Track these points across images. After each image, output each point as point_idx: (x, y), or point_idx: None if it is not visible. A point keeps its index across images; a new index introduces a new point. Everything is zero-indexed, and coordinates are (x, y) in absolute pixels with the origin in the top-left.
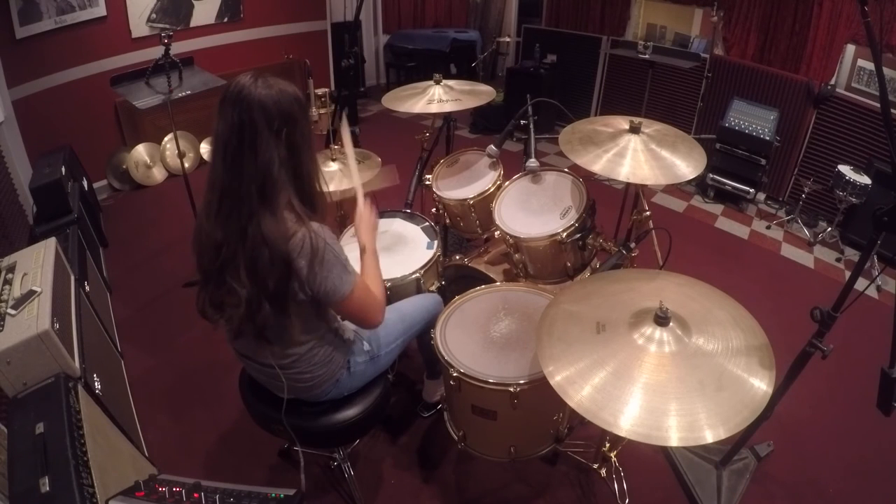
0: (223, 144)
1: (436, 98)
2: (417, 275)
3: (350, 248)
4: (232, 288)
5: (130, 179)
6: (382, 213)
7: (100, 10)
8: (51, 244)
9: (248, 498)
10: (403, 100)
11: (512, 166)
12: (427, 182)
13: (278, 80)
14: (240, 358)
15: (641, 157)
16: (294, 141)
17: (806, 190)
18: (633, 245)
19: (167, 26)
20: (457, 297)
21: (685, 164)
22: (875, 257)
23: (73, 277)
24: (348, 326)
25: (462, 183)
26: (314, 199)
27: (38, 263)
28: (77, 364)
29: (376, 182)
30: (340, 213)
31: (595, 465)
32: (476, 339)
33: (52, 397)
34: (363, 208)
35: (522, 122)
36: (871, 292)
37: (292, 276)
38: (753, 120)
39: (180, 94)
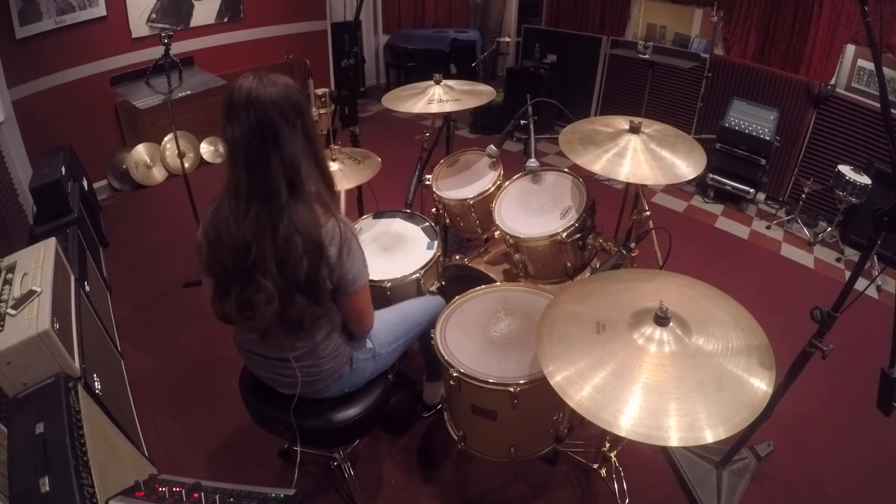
0: (244, 149)
1: (436, 98)
2: (417, 275)
3: None
4: (262, 285)
5: (130, 179)
6: (382, 213)
7: (100, 10)
8: (51, 244)
9: (248, 498)
10: (403, 100)
11: (512, 166)
12: (427, 182)
13: (278, 76)
14: (244, 354)
15: (641, 157)
16: (309, 130)
17: (806, 190)
18: (633, 245)
19: (167, 26)
20: (457, 297)
21: (685, 164)
22: (875, 257)
23: (73, 277)
24: None
25: (462, 183)
26: (331, 182)
27: (38, 263)
28: (77, 364)
29: None
30: None
31: (595, 465)
32: (476, 339)
33: (52, 397)
34: None
35: (522, 122)
36: (871, 292)
37: (322, 263)
38: (753, 120)
39: (180, 94)
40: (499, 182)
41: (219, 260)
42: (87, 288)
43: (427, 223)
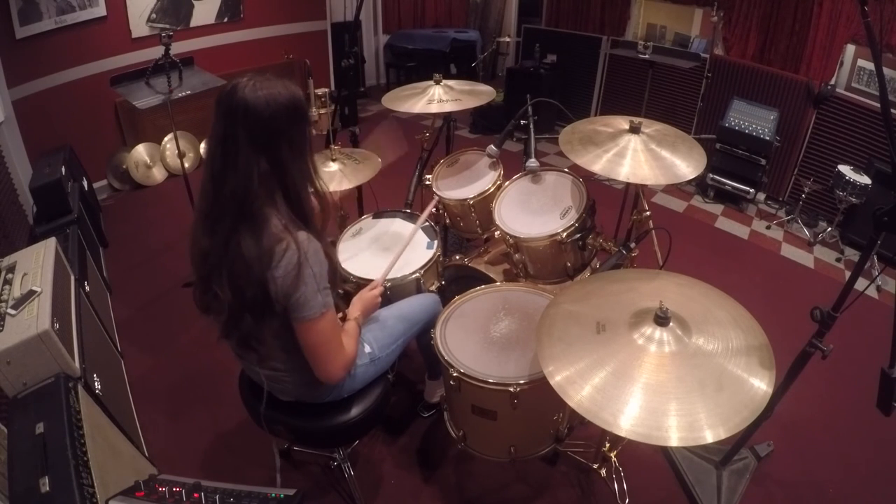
0: (210, 157)
1: (436, 98)
2: (417, 275)
3: (349, 246)
4: (216, 294)
5: (130, 179)
6: (382, 213)
7: (100, 10)
8: (51, 244)
9: (248, 498)
10: (403, 100)
11: (512, 166)
12: (427, 182)
13: (273, 85)
14: (237, 358)
15: (641, 157)
16: (279, 155)
17: (806, 190)
18: (633, 245)
19: (167, 26)
20: (457, 297)
21: (685, 164)
22: (875, 257)
23: (73, 277)
24: None
25: (462, 183)
26: (304, 211)
27: (38, 263)
28: (77, 364)
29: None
30: (341, 213)
31: (595, 465)
32: (476, 339)
33: (52, 397)
34: (374, 293)
35: (522, 122)
36: (871, 292)
37: (267, 287)
38: (753, 120)
39: (180, 94)
40: (499, 182)
41: (191, 256)
42: (87, 288)
43: (427, 223)
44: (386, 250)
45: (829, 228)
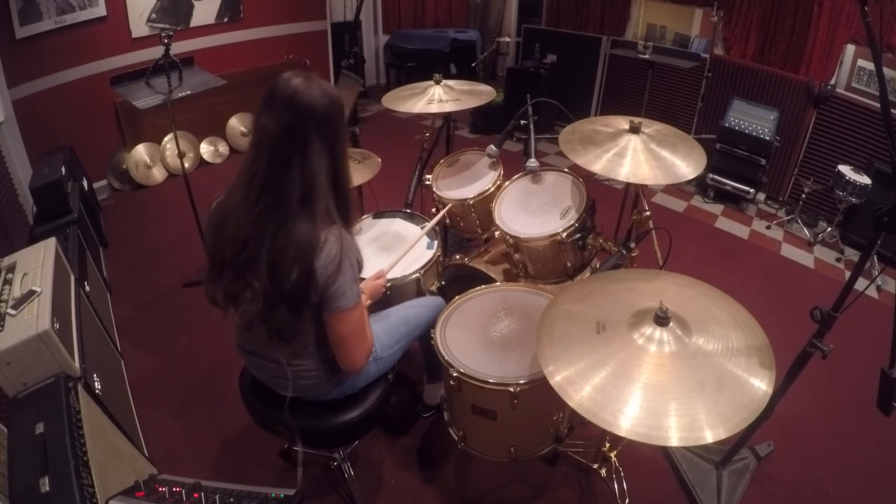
0: (270, 143)
1: (436, 98)
2: (417, 275)
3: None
4: (250, 283)
5: (130, 179)
6: (382, 213)
7: (100, 10)
8: (51, 244)
9: (248, 498)
10: (403, 100)
11: (512, 166)
12: (427, 182)
13: (327, 85)
14: (242, 354)
15: (641, 157)
16: (338, 152)
17: (806, 190)
18: (633, 245)
19: (167, 26)
20: (457, 297)
21: (685, 164)
22: (875, 257)
23: (73, 277)
24: None
25: (462, 183)
26: (349, 205)
27: (38, 263)
28: (77, 364)
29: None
30: None
31: (595, 465)
32: (476, 339)
33: (52, 397)
34: (380, 282)
35: (522, 122)
36: (871, 292)
37: (311, 277)
38: (753, 120)
39: (180, 94)
40: (499, 182)
41: (218, 246)
42: (87, 288)
43: (427, 223)
44: (386, 250)
45: (829, 228)
